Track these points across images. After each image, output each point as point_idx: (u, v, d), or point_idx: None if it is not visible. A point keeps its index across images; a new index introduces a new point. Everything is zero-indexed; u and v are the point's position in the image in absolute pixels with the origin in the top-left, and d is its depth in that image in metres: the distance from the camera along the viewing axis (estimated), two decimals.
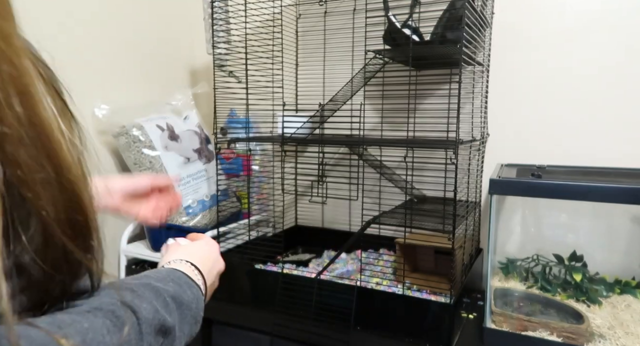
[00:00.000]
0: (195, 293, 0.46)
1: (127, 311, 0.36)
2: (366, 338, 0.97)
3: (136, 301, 0.38)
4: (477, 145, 1.17)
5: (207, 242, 0.60)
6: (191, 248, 0.56)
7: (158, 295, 0.41)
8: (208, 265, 0.54)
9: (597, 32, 1.14)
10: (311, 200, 1.45)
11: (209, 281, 0.53)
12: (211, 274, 0.55)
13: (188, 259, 0.52)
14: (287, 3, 1.42)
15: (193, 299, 0.45)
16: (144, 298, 0.39)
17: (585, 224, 1.14)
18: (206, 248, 0.58)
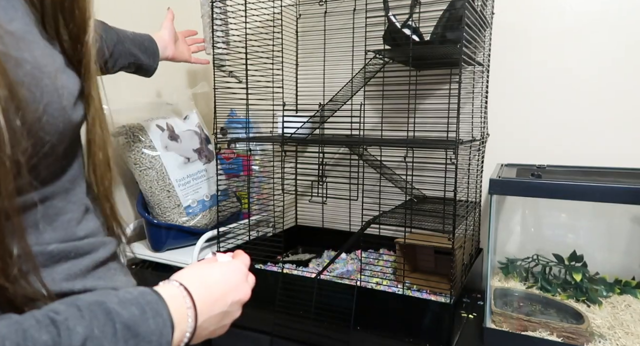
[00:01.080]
0: (159, 324, 0.39)
1: (48, 333, 0.33)
2: (366, 338, 0.97)
3: (70, 323, 0.34)
4: (477, 145, 1.17)
5: (236, 266, 0.52)
6: (207, 269, 0.49)
7: (107, 320, 0.36)
8: (216, 294, 0.47)
9: (597, 32, 1.14)
10: (311, 200, 1.45)
11: (210, 312, 0.46)
12: (219, 303, 0.47)
13: (185, 282, 0.45)
14: (287, 3, 1.42)
15: (155, 330, 0.38)
16: (83, 321, 0.35)
17: (585, 224, 1.14)
18: (227, 272, 0.50)
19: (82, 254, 0.43)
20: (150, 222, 1.25)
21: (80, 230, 0.44)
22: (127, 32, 1.02)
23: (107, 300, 0.37)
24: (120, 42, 0.99)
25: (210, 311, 0.46)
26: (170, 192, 1.25)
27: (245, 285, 0.52)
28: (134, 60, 1.02)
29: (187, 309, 0.43)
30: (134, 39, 1.02)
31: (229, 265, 0.51)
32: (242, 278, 0.52)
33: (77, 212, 0.44)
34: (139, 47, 1.03)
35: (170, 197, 1.25)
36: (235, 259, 0.55)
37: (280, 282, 1.08)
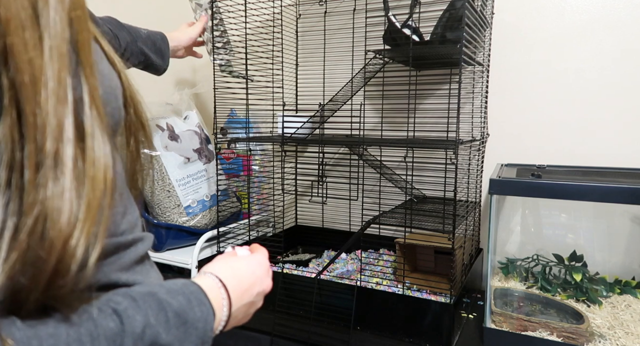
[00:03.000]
0: (204, 312, 0.43)
1: (113, 321, 0.35)
2: (366, 338, 0.97)
3: (130, 311, 0.37)
4: (477, 145, 1.17)
5: (259, 259, 0.56)
6: (235, 262, 0.52)
7: (160, 309, 0.39)
8: (244, 285, 0.50)
9: (597, 32, 1.14)
10: (311, 200, 1.45)
11: (240, 302, 0.49)
12: (247, 294, 0.51)
13: (220, 274, 0.48)
14: (287, 3, 1.42)
15: (200, 318, 0.42)
16: (140, 310, 0.37)
17: (585, 224, 1.14)
18: (252, 264, 0.54)
19: (125, 247, 0.45)
20: (150, 221, 1.25)
21: (124, 223, 0.45)
22: (140, 31, 1.03)
23: (157, 291, 0.40)
24: (133, 41, 1.00)
25: (241, 301, 0.50)
26: (170, 192, 1.25)
27: (268, 277, 0.56)
28: (144, 60, 1.04)
29: (222, 299, 0.46)
30: (146, 39, 1.03)
31: (252, 258, 0.55)
32: (265, 271, 0.56)
33: (121, 205, 0.45)
34: (151, 47, 1.04)
35: (170, 197, 1.25)
36: (256, 253, 0.58)
37: (280, 282, 1.08)
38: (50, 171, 0.30)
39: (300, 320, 1.03)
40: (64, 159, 0.31)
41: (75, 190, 0.31)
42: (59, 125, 0.31)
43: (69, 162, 0.31)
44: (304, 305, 1.04)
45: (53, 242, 0.30)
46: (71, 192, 0.31)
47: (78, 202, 0.31)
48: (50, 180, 0.30)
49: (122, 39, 0.98)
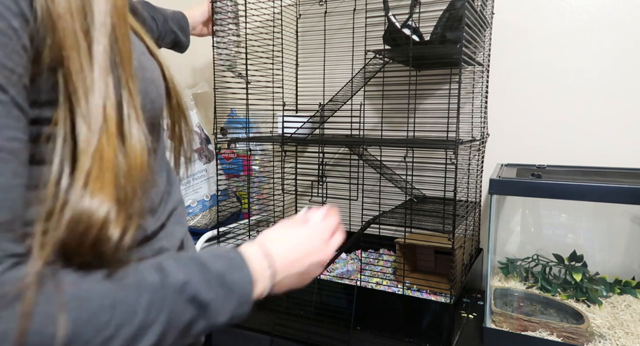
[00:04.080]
0: (242, 279, 0.45)
1: (156, 275, 0.38)
2: (366, 338, 0.97)
3: (172, 268, 0.40)
4: (477, 145, 1.17)
5: (322, 228, 0.57)
6: (292, 232, 0.54)
7: (202, 270, 0.41)
8: (296, 255, 0.52)
9: (597, 32, 1.14)
10: (311, 200, 1.45)
11: (288, 271, 0.51)
12: (298, 263, 0.52)
13: (268, 244, 0.50)
14: (287, 3, 1.42)
15: (238, 282, 0.44)
16: (181, 268, 0.40)
17: (585, 224, 1.14)
18: (311, 234, 0.55)
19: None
20: None
21: (156, 197, 0.49)
22: (167, 11, 1.08)
23: (200, 255, 0.43)
24: (165, 21, 1.05)
25: (289, 271, 0.51)
26: None
27: (327, 247, 0.56)
28: (174, 38, 1.09)
29: (266, 269, 0.48)
30: (173, 18, 1.08)
31: (314, 227, 0.56)
32: (325, 240, 0.56)
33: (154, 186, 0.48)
34: (177, 25, 1.09)
35: None
36: (326, 220, 0.58)
37: None
38: (95, 160, 0.33)
39: (300, 320, 1.03)
40: (106, 148, 0.34)
41: (114, 177, 0.34)
42: (104, 118, 0.34)
43: (111, 153, 0.34)
44: (304, 305, 1.04)
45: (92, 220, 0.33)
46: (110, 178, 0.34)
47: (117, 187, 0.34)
48: (95, 168, 0.33)
49: (157, 20, 1.03)
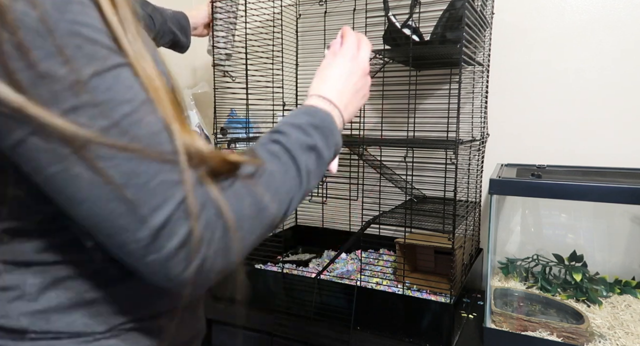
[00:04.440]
0: (327, 120, 0.52)
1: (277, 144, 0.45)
2: (366, 338, 0.97)
3: (284, 137, 0.46)
4: (477, 145, 1.17)
5: (345, 51, 0.59)
6: (332, 72, 0.58)
7: (298, 126, 0.49)
8: (349, 93, 0.57)
9: (597, 32, 1.14)
10: (311, 200, 1.45)
11: (347, 100, 0.57)
12: (349, 90, 0.58)
13: (323, 93, 0.56)
14: (287, 3, 1.42)
15: (324, 122, 0.51)
16: (288, 132, 0.47)
17: (585, 224, 1.14)
18: (348, 67, 0.58)
19: None
20: None
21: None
22: (167, 11, 1.08)
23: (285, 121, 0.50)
24: (164, 21, 1.05)
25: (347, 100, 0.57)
26: None
27: (360, 62, 0.60)
28: (173, 38, 1.08)
29: (333, 109, 0.55)
30: (172, 18, 1.08)
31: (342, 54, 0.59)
32: (355, 57, 0.59)
33: None
34: (177, 25, 1.09)
35: None
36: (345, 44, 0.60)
37: (280, 282, 1.08)
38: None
39: (300, 320, 1.03)
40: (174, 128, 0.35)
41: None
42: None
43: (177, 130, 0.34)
44: (304, 305, 1.04)
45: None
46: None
47: None
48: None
49: (155, 19, 1.03)
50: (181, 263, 0.32)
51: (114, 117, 0.30)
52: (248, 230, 0.37)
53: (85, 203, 0.30)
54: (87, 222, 0.31)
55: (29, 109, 0.28)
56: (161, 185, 0.31)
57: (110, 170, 0.30)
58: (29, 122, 0.28)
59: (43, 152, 0.29)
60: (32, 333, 0.34)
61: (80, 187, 0.30)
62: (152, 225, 0.31)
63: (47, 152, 0.29)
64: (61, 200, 0.31)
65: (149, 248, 0.31)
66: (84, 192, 0.30)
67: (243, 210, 0.37)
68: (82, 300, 0.36)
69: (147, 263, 0.32)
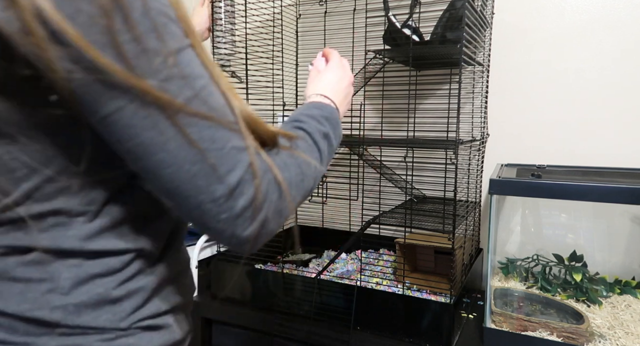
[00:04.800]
0: (333, 113, 0.58)
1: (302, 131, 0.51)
2: (366, 338, 0.97)
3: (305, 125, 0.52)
4: (477, 145, 1.17)
5: (336, 63, 0.68)
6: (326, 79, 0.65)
7: (312, 117, 0.54)
8: (341, 95, 0.65)
9: (597, 32, 1.14)
10: (311, 200, 1.45)
11: (342, 105, 0.64)
12: (343, 94, 0.66)
13: (326, 94, 0.62)
14: (287, 3, 1.42)
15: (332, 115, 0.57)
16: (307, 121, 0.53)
17: (585, 224, 1.14)
18: (336, 72, 0.67)
19: None
20: None
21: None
22: None
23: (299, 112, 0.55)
24: None
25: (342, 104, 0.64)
26: None
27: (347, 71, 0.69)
28: None
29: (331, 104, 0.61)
30: None
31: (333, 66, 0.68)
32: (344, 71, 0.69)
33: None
34: None
35: None
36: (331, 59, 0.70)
37: (280, 282, 1.08)
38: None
39: (300, 320, 1.03)
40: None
41: None
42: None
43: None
44: (304, 305, 1.04)
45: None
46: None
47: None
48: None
49: None
50: (247, 222, 0.36)
51: (196, 89, 0.34)
52: (294, 196, 0.42)
53: (172, 166, 0.33)
54: (168, 185, 0.34)
55: (131, 79, 0.30)
56: (232, 151, 0.35)
57: (195, 136, 0.33)
58: (130, 90, 0.31)
59: (140, 119, 0.31)
60: (63, 328, 0.36)
61: (169, 150, 0.33)
62: (228, 185, 0.34)
63: (144, 119, 0.32)
64: (148, 165, 0.33)
65: (223, 207, 0.35)
66: (173, 155, 0.33)
67: (291, 178, 0.42)
68: (108, 297, 0.37)
69: (219, 221, 0.35)
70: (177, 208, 0.36)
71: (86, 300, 0.37)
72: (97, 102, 0.31)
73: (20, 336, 0.35)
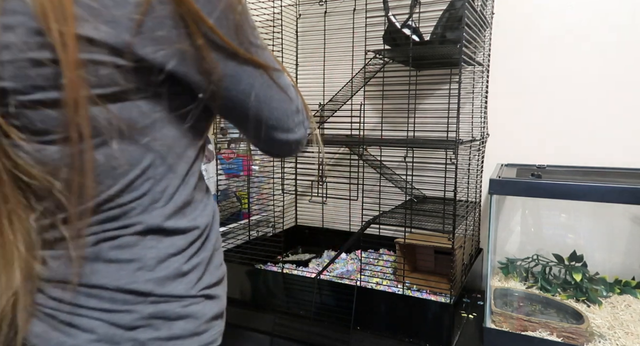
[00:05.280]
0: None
1: None
2: (366, 338, 0.97)
3: None
4: (477, 145, 1.17)
5: None
6: None
7: None
8: None
9: (597, 32, 1.14)
10: (311, 200, 1.45)
11: None
12: None
13: None
14: (287, 3, 1.42)
15: None
16: None
17: (585, 224, 1.14)
18: None
19: None
20: None
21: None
22: None
23: None
24: None
25: None
26: None
27: None
28: None
29: None
30: None
31: None
32: None
33: None
34: None
35: None
36: None
37: (280, 282, 1.08)
38: None
39: (300, 320, 1.03)
40: None
41: None
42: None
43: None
44: (304, 305, 1.04)
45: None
46: None
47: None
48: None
49: None
50: (304, 136, 0.54)
51: (272, 58, 0.48)
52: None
53: (275, 102, 0.48)
54: (273, 114, 0.49)
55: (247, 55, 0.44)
56: (291, 86, 0.51)
57: (281, 82, 0.49)
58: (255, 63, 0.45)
59: (256, 77, 0.46)
60: (153, 296, 0.44)
61: (273, 93, 0.48)
62: (300, 112, 0.53)
63: (259, 76, 0.46)
64: (260, 103, 0.47)
65: (300, 125, 0.53)
66: (275, 96, 0.48)
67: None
68: (180, 271, 0.46)
69: (296, 133, 0.52)
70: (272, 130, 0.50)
71: (166, 274, 0.45)
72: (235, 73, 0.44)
73: (121, 305, 0.43)
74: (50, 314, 0.42)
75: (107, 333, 0.42)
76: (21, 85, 0.35)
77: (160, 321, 0.44)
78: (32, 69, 0.35)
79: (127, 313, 0.43)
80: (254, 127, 0.49)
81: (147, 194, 0.43)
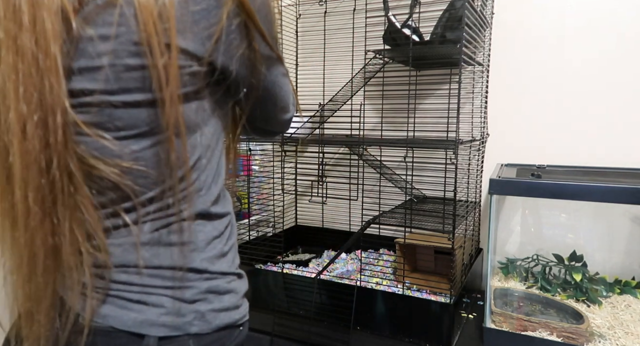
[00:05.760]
0: None
1: None
2: (366, 338, 0.97)
3: None
4: (477, 145, 1.17)
5: None
6: None
7: None
8: None
9: (597, 32, 1.14)
10: (311, 200, 1.45)
11: None
12: None
13: None
14: (287, 3, 1.42)
15: None
16: None
17: (585, 224, 1.14)
18: None
19: None
20: None
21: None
22: None
23: None
24: None
25: None
26: None
27: None
28: None
29: None
30: None
31: None
32: None
33: None
34: None
35: None
36: None
37: (280, 282, 1.08)
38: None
39: (300, 320, 1.03)
40: None
41: None
42: None
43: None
44: (304, 305, 1.04)
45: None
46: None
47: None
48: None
49: None
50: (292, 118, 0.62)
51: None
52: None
53: (286, 86, 0.56)
54: (284, 98, 0.56)
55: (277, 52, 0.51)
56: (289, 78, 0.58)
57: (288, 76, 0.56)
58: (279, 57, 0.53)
59: (279, 67, 0.53)
60: (208, 273, 0.50)
61: (286, 80, 0.56)
62: (293, 95, 0.60)
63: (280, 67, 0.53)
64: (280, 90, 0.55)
65: (293, 109, 0.60)
66: (285, 85, 0.56)
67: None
68: (222, 251, 0.52)
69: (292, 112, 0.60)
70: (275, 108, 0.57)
71: (214, 254, 0.51)
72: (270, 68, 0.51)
73: (183, 282, 0.48)
74: (117, 295, 0.46)
75: (174, 306, 0.47)
76: (112, 87, 0.41)
77: (213, 295, 0.50)
78: (125, 72, 0.40)
79: (188, 289, 0.48)
80: (270, 110, 0.57)
81: (194, 184, 0.48)
